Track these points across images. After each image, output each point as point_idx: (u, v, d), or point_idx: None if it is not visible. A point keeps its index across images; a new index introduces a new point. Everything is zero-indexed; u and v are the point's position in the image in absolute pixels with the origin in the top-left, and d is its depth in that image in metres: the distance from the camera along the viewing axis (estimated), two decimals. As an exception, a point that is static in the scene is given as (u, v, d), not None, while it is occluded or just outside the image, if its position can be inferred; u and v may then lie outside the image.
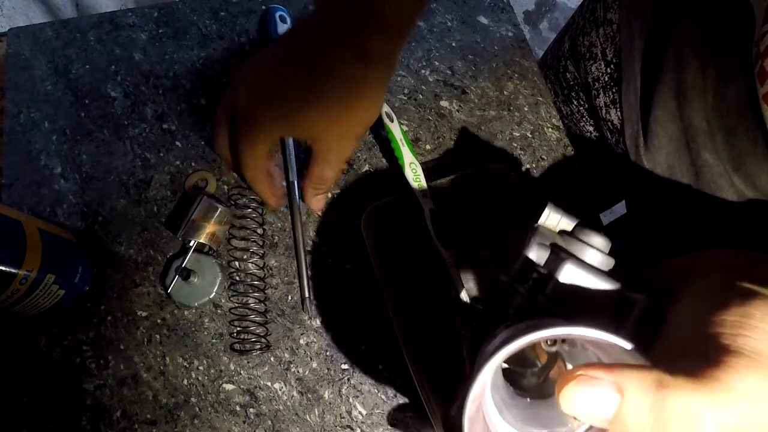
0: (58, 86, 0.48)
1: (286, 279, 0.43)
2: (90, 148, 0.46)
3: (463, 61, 0.51)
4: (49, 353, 0.40)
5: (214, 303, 0.42)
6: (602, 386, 0.18)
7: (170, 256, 0.43)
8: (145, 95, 0.48)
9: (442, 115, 0.49)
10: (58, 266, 0.37)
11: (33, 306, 0.37)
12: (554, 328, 0.19)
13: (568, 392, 0.18)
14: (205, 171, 0.45)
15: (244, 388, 0.40)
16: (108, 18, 0.52)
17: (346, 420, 0.39)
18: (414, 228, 0.42)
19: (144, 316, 0.41)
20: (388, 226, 0.43)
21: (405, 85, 0.50)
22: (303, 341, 0.41)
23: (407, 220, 0.43)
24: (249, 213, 0.44)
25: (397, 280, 0.41)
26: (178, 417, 0.39)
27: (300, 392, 0.40)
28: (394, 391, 0.40)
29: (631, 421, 0.17)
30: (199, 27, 0.51)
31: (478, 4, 0.54)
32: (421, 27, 0.52)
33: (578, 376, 0.18)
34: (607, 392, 0.17)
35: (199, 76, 0.49)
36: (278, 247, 0.43)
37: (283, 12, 0.48)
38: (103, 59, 0.50)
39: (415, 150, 0.42)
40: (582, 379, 0.18)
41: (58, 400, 0.39)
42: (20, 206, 0.44)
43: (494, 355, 0.20)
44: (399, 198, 0.42)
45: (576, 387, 0.18)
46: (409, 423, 0.39)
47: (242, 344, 0.41)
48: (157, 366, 0.40)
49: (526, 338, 0.19)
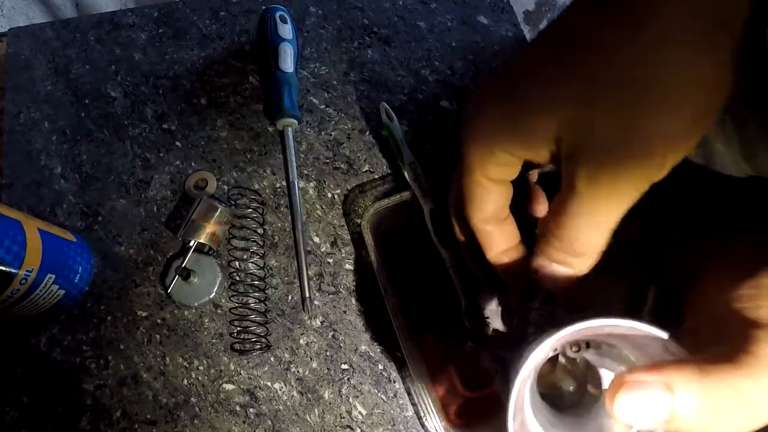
0: (58, 86, 0.48)
1: (286, 279, 0.43)
2: (90, 148, 0.46)
3: (463, 61, 0.51)
4: (49, 353, 0.40)
5: (214, 303, 0.42)
6: (652, 388, 0.17)
7: (170, 256, 0.43)
8: (145, 95, 0.48)
9: (442, 115, 0.49)
10: (58, 266, 0.37)
11: (33, 306, 0.37)
12: (582, 323, 0.19)
13: (620, 401, 0.18)
14: (205, 171, 0.45)
15: (244, 388, 0.40)
16: (108, 18, 0.52)
17: (346, 420, 0.39)
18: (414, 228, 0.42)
19: (144, 316, 0.41)
20: (388, 226, 0.43)
21: (405, 85, 0.50)
22: (303, 341, 0.41)
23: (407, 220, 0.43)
24: (249, 213, 0.44)
25: (398, 280, 0.41)
26: (178, 417, 0.39)
27: (300, 392, 0.40)
28: (394, 391, 0.40)
29: (686, 416, 0.17)
30: (199, 27, 0.51)
31: (478, 4, 0.54)
32: (421, 27, 0.52)
33: (626, 382, 0.18)
34: (658, 393, 0.17)
35: (199, 76, 0.49)
36: (278, 247, 0.43)
37: (283, 12, 0.48)
38: (103, 59, 0.50)
39: (414, 150, 0.42)
40: (631, 385, 0.18)
41: (58, 400, 0.39)
42: (20, 206, 0.44)
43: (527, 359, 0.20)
44: (399, 198, 0.42)
45: (627, 394, 0.18)
46: (409, 423, 0.39)
47: (242, 344, 0.41)
48: (157, 366, 0.40)
49: (555, 337, 0.20)
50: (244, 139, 0.47)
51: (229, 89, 0.49)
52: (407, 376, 0.40)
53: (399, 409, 0.39)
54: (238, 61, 0.50)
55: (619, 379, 0.18)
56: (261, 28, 0.48)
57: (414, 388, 0.38)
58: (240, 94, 0.49)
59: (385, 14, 0.53)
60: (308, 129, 0.48)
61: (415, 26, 0.52)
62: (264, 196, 0.45)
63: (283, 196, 0.45)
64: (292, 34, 0.47)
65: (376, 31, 0.52)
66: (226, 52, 0.50)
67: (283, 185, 0.45)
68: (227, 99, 0.48)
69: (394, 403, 0.40)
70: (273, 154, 0.46)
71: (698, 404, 0.17)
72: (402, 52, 0.51)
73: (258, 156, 0.46)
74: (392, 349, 0.41)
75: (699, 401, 0.17)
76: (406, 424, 0.39)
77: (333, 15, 0.53)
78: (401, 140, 0.42)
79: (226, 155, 0.46)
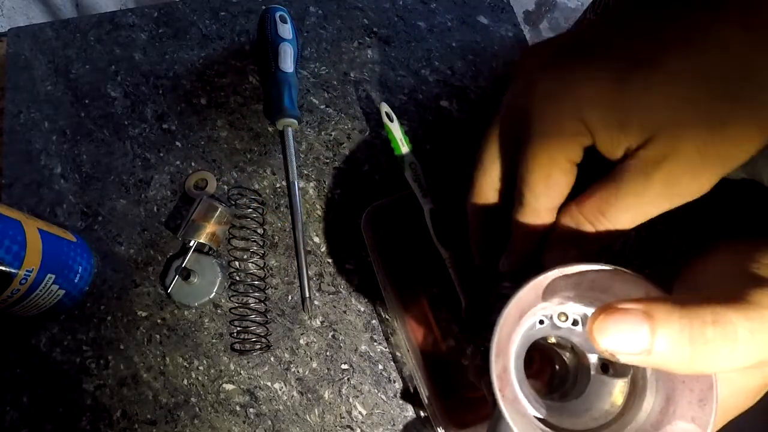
0: (58, 86, 0.48)
1: (286, 279, 0.43)
2: (90, 148, 0.46)
3: (463, 61, 0.51)
4: (49, 353, 0.40)
5: (214, 303, 0.42)
6: (633, 314, 0.17)
7: (170, 256, 0.43)
8: (145, 95, 0.48)
9: (442, 115, 0.49)
10: (58, 266, 0.37)
11: (33, 306, 0.37)
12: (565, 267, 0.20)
13: (600, 326, 0.18)
14: (205, 171, 0.45)
15: (244, 388, 0.40)
16: (108, 18, 0.52)
17: (346, 420, 0.39)
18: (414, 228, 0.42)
19: (144, 316, 0.41)
20: (388, 226, 0.43)
21: (405, 85, 0.50)
22: (303, 341, 0.41)
23: (407, 220, 0.43)
24: (249, 213, 0.44)
25: (398, 280, 0.41)
26: (178, 417, 0.39)
27: (300, 392, 0.40)
28: (394, 391, 0.40)
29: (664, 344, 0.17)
30: (199, 27, 0.51)
31: (478, 4, 0.54)
32: (421, 27, 0.52)
33: (608, 309, 0.18)
34: (638, 320, 0.17)
35: (199, 76, 0.49)
36: (278, 247, 0.43)
37: (283, 12, 0.48)
38: (103, 59, 0.50)
39: (415, 150, 0.42)
40: (612, 311, 0.17)
41: (58, 400, 0.39)
42: (20, 206, 0.44)
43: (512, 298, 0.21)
44: (399, 198, 0.42)
45: (607, 318, 0.17)
46: (409, 423, 0.39)
47: (242, 344, 0.41)
48: (157, 366, 0.40)
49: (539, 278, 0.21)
50: (244, 139, 0.47)
51: (229, 89, 0.49)
52: (407, 375, 0.40)
53: (399, 409, 0.39)
54: (238, 61, 0.50)
55: (602, 307, 0.18)
56: (261, 28, 0.48)
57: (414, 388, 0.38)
58: (240, 94, 0.49)
59: (385, 14, 0.53)
60: (308, 129, 0.48)
61: (415, 26, 0.52)
62: (264, 196, 0.45)
63: (283, 196, 0.45)
64: (292, 34, 0.47)
65: (376, 31, 0.52)
66: (226, 52, 0.50)
67: (283, 185, 0.45)
68: (227, 99, 0.48)
69: (394, 403, 0.40)
70: (273, 154, 0.46)
71: (678, 331, 0.17)
72: (402, 52, 0.51)
73: (258, 156, 0.46)
74: (392, 349, 0.41)
75: (679, 328, 0.17)
76: (406, 424, 0.39)
77: (333, 15, 0.53)
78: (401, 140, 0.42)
79: (226, 155, 0.46)
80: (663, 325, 0.17)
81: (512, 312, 0.21)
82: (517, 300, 0.21)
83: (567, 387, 0.26)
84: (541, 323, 0.25)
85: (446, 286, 0.39)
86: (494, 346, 0.20)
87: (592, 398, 0.24)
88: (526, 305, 0.23)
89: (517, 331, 0.24)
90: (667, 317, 0.17)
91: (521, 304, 0.22)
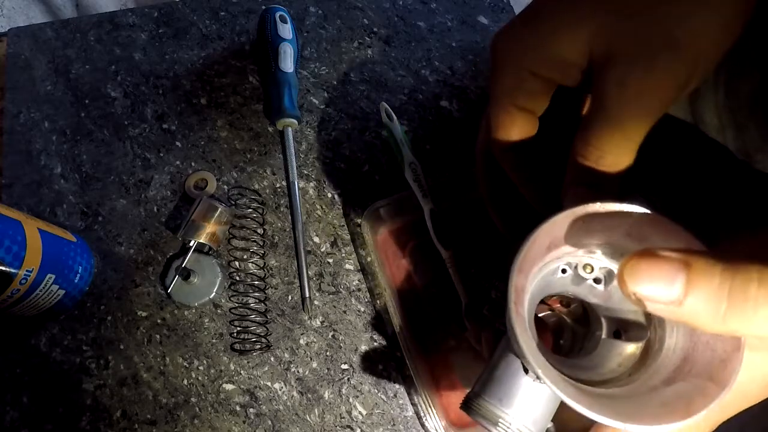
0: (58, 86, 0.48)
1: (286, 279, 0.43)
2: (90, 148, 0.46)
3: (463, 61, 0.51)
4: (49, 353, 0.40)
5: (214, 303, 0.42)
6: (670, 262, 0.16)
7: (170, 256, 0.43)
8: (145, 95, 0.48)
9: (442, 115, 0.49)
10: (58, 266, 0.37)
11: (33, 306, 0.37)
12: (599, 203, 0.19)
13: (633, 268, 0.16)
14: (205, 171, 0.45)
15: (244, 388, 0.40)
16: (108, 18, 0.52)
17: (346, 420, 0.39)
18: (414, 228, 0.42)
19: (144, 316, 0.41)
20: (388, 226, 0.43)
21: (405, 85, 0.50)
22: (303, 341, 0.41)
23: (407, 220, 0.43)
24: (249, 213, 0.44)
25: (398, 281, 0.41)
26: (178, 417, 0.39)
27: (300, 392, 0.40)
28: (394, 391, 0.40)
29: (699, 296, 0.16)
30: (199, 27, 0.51)
31: (478, 4, 0.54)
32: (421, 27, 0.52)
33: (643, 253, 0.16)
34: (674, 269, 0.16)
35: (199, 76, 0.49)
36: (278, 247, 0.43)
37: (283, 12, 0.48)
38: (103, 59, 0.50)
39: (415, 150, 0.42)
40: (647, 255, 0.16)
41: (58, 400, 0.39)
42: (20, 206, 0.44)
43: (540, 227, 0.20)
44: (399, 198, 0.42)
45: (641, 262, 0.16)
46: (409, 423, 0.39)
47: (242, 344, 0.41)
48: (157, 366, 0.40)
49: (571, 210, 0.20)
50: (244, 139, 0.47)
51: (229, 89, 0.49)
52: (407, 376, 0.40)
53: (399, 409, 0.39)
54: (238, 61, 0.50)
55: (638, 251, 0.17)
56: (261, 28, 0.48)
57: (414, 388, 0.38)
58: (240, 94, 0.49)
59: (385, 14, 0.53)
60: (308, 129, 0.48)
61: (415, 26, 0.52)
62: (264, 196, 0.45)
63: (283, 196, 0.45)
64: (292, 34, 0.47)
65: (376, 31, 0.52)
66: (226, 52, 0.50)
67: (283, 185, 0.45)
68: (227, 99, 0.48)
69: (394, 403, 0.40)
70: (273, 154, 0.46)
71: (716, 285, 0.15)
72: (402, 52, 0.51)
73: (258, 156, 0.46)
74: (392, 349, 0.41)
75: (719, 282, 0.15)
76: (406, 424, 0.39)
77: (333, 15, 0.53)
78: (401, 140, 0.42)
79: (226, 155, 0.46)
80: (702, 276, 0.16)
81: (542, 237, 0.20)
82: (552, 223, 0.20)
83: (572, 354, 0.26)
84: (563, 273, 0.23)
85: (446, 286, 0.39)
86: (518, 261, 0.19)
87: (599, 359, 0.23)
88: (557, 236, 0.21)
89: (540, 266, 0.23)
90: (708, 269, 0.16)
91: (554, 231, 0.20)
